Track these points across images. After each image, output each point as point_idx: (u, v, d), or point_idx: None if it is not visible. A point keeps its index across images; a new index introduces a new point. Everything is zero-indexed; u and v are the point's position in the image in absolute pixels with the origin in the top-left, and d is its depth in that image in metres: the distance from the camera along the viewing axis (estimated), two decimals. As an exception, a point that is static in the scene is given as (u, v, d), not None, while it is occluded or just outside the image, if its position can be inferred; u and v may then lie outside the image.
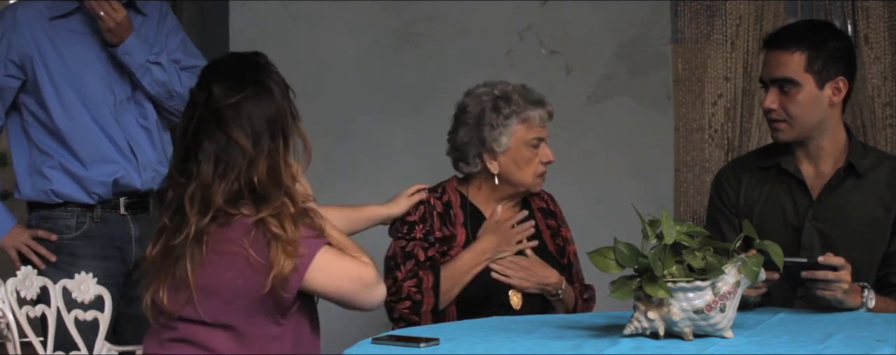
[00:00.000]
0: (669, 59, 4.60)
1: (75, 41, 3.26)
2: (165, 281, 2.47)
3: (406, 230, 3.13)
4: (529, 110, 3.14)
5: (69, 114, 3.24)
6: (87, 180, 3.26)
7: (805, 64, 2.89)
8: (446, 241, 3.13)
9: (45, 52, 3.23)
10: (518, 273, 3.11)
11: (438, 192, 3.20)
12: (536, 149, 3.15)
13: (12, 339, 2.70)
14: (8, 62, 3.22)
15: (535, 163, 3.16)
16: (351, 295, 2.50)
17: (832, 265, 2.65)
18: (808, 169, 2.99)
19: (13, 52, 3.22)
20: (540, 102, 3.17)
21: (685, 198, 4.59)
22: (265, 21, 4.29)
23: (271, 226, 2.40)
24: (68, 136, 3.24)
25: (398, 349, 2.33)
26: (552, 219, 3.29)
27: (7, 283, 2.74)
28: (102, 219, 3.29)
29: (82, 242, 3.27)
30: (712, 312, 2.30)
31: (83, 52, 3.27)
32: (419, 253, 3.11)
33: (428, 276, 3.06)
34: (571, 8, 4.52)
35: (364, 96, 4.38)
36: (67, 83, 3.23)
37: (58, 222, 3.27)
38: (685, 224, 2.33)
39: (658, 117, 4.59)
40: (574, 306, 3.19)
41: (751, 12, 4.55)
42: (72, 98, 3.24)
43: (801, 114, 2.91)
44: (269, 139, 2.47)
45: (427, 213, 3.14)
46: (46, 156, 3.26)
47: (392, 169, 4.31)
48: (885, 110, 4.53)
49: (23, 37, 3.22)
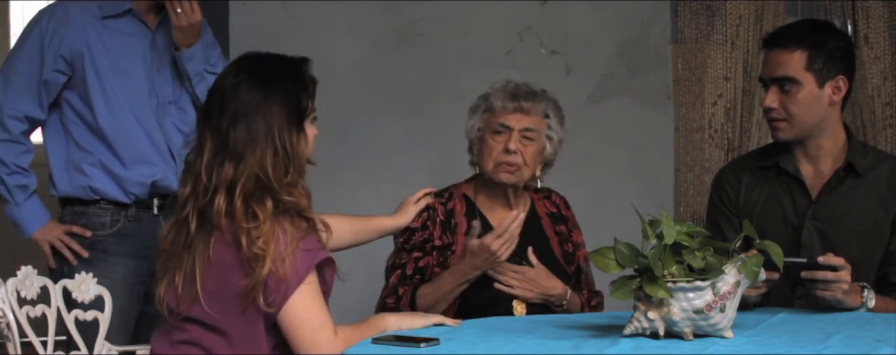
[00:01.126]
0: (669, 59, 4.60)
1: (124, 42, 3.28)
2: (179, 272, 2.48)
3: (405, 237, 3.09)
4: (497, 99, 3.12)
5: (113, 114, 3.25)
6: (125, 180, 3.27)
7: (805, 63, 2.89)
8: (445, 250, 3.09)
9: (95, 50, 3.24)
10: (522, 284, 3.04)
11: (444, 198, 3.15)
12: (501, 137, 3.10)
13: (12, 339, 2.70)
14: (58, 57, 3.23)
15: (497, 150, 3.09)
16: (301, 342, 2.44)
17: (832, 265, 2.65)
18: (807, 168, 2.99)
19: (64, 47, 3.23)
20: (513, 95, 3.13)
21: (685, 198, 4.59)
22: (265, 21, 4.29)
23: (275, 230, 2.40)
24: (111, 136, 3.26)
25: (398, 349, 2.33)
26: (562, 225, 3.23)
27: (7, 283, 2.74)
28: (136, 219, 3.31)
29: (116, 240, 3.29)
30: (712, 312, 2.30)
31: (131, 54, 3.29)
32: (409, 266, 3.07)
33: (407, 293, 3.03)
34: (571, 8, 4.52)
35: (364, 96, 4.38)
36: (114, 83, 3.25)
37: (92, 219, 3.29)
38: (685, 224, 2.33)
39: (658, 117, 4.59)
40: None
41: (751, 12, 4.55)
42: (117, 98, 3.25)
43: (801, 113, 2.91)
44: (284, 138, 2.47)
45: (429, 220, 3.10)
46: (86, 153, 3.27)
47: (392, 169, 4.31)
48: (885, 110, 4.53)
49: (75, 33, 3.24)
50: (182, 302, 2.47)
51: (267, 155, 2.45)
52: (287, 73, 2.54)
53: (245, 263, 2.40)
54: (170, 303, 2.50)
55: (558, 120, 3.18)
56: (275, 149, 2.46)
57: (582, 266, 3.21)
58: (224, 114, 2.48)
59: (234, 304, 2.43)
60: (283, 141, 2.47)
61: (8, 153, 3.24)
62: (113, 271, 3.24)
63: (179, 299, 2.48)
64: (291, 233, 2.42)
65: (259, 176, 2.44)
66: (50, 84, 3.24)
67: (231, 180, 2.44)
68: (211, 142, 2.48)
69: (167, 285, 2.50)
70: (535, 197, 3.25)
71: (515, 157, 3.08)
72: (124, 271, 3.25)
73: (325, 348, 2.43)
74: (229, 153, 2.45)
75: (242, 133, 2.45)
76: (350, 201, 4.32)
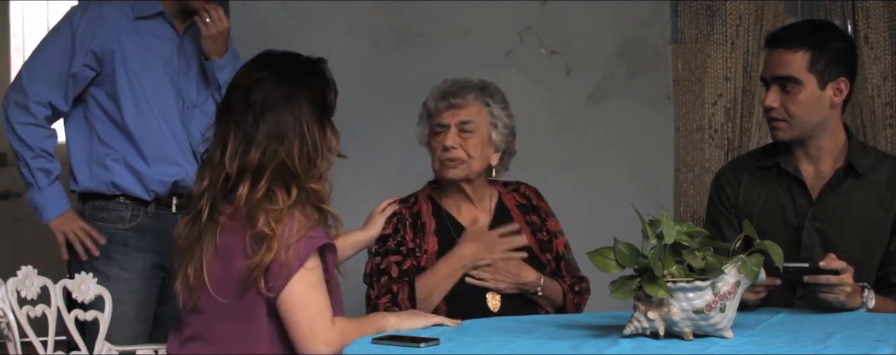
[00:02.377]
0: (669, 59, 4.60)
1: (154, 44, 3.31)
2: (191, 264, 2.51)
3: (378, 245, 3.11)
4: (430, 102, 3.19)
5: (140, 112, 3.28)
6: (147, 177, 3.30)
7: (808, 63, 2.89)
8: (415, 251, 3.11)
9: (126, 49, 3.27)
10: (493, 275, 3.06)
11: (410, 202, 3.19)
12: (439, 137, 3.14)
13: (12, 339, 2.70)
14: (89, 52, 3.25)
15: (438, 149, 3.13)
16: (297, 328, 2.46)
17: (834, 269, 2.65)
18: (807, 169, 2.99)
19: (96, 43, 3.25)
20: (443, 93, 3.17)
21: (685, 198, 4.59)
22: (265, 21, 4.29)
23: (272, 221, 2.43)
24: (136, 134, 3.28)
25: (398, 349, 2.34)
26: (533, 215, 3.24)
27: (7, 283, 2.74)
28: (155, 215, 3.33)
29: (135, 235, 3.30)
30: (712, 312, 2.30)
31: (160, 56, 3.31)
32: (393, 269, 3.08)
33: (403, 289, 3.03)
34: (571, 8, 4.52)
35: (364, 96, 4.37)
36: (144, 82, 3.28)
37: (112, 213, 3.30)
38: (685, 224, 2.33)
39: (658, 117, 4.59)
40: (563, 300, 3.15)
41: (751, 12, 4.55)
42: (145, 97, 3.28)
43: (801, 114, 2.91)
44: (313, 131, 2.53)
45: (398, 224, 3.13)
46: (109, 149, 3.29)
47: (391, 168, 4.31)
48: (885, 110, 4.53)
49: (108, 31, 3.26)
50: (193, 293, 2.52)
51: (294, 147, 2.50)
52: (310, 71, 2.62)
53: (252, 243, 2.43)
54: (184, 297, 2.55)
55: (502, 106, 3.19)
56: (303, 141, 2.52)
57: (562, 253, 3.23)
58: (249, 107, 2.52)
59: (237, 289, 2.46)
60: (311, 134, 2.53)
61: (33, 137, 3.25)
62: (133, 264, 3.27)
63: (191, 290, 2.52)
64: (301, 221, 2.46)
65: (286, 163, 2.49)
66: (78, 77, 3.26)
67: (258, 166, 2.48)
68: (235, 134, 2.52)
69: (182, 280, 2.54)
70: (502, 190, 3.27)
71: (455, 152, 3.11)
72: (143, 265, 3.28)
73: (321, 335, 2.44)
74: (256, 144, 2.50)
75: (271, 126, 2.50)
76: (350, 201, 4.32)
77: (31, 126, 3.25)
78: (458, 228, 3.14)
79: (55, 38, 3.29)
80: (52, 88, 3.25)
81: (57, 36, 3.29)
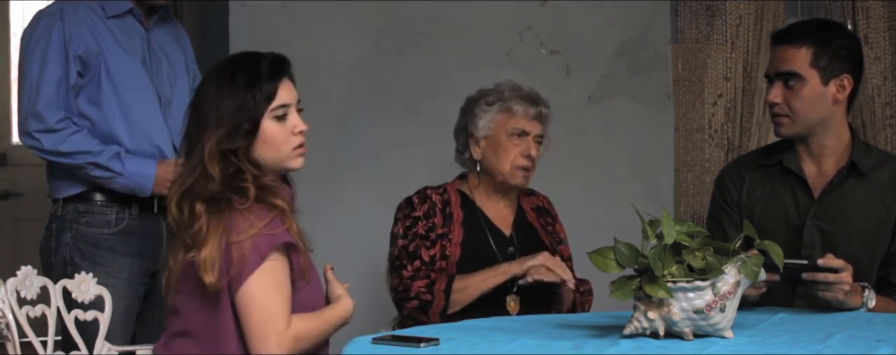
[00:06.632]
0: (669, 59, 4.60)
1: (128, 43, 3.28)
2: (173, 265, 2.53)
3: (409, 224, 3.14)
4: (514, 102, 3.20)
5: (123, 112, 3.23)
6: None
7: (811, 59, 2.89)
8: (442, 238, 3.14)
9: (106, 50, 3.23)
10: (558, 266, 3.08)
11: (440, 190, 3.23)
12: (519, 140, 3.17)
13: (12, 339, 2.70)
14: (76, 58, 3.20)
15: (515, 153, 3.17)
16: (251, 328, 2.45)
17: (832, 267, 2.65)
18: (810, 167, 2.99)
19: (81, 48, 3.20)
20: (531, 100, 3.21)
21: (685, 198, 4.59)
22: (265, 21, 4.29)
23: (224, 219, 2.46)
24: (118, 135, 3.22)
25: (398, 349, 2.33)
26: (547, 217, 3.33)
27: (7, 283, 2.74)
28: (139, 218, 3.29)
29: (122, 238, 3.26)
30: (712, 312, 2.30)
31: (135, 54, 3.29)
32: (423, 253, 3.11)
33: (441, 279, 3.06)
34: (571, 8, 4.52)
35: (364, 96, 4.38)
36: (126, 83, 3.24)
37: (97, 217, 3.26)
38: (685, 224, 2.33)
39: (658, 117, 4.59)
40: (572, 302, 3.21)
41: (751, 12, 4.55)
42: (128, 94, 3.23)
43: (803, 110, 2.91)
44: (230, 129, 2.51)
45: (431, 209, 3.16)
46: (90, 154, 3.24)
47: (391, 168, 4.31)
48: (885, 110, 4.53)
49: (88, 33, 3.22)
50: (169, 294, 2.55)
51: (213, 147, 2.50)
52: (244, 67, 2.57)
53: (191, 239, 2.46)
54: (166, 294, 2.57)
55: None
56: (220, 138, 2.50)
57: (568, 256, 3.31)
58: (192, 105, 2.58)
59: (197, 286, 2.46)
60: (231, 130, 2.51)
61: (77, 144, 3.15)
62: (121, 270, 3.23)
63: (168, 286, 2.55)
64: (250, 220, 2.44)
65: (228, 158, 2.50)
66: (74, 86, 3.22)
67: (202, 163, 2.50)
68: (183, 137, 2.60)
69: (165, 282, 2.57)
70: (520, 193, 3.34)
71: (530, 163, 3.20)
72: (130, 270, 3.25)
73: (273, 339, 2.43)
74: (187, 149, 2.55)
75: (193, 126, 2.54)
76: (350, 201, 4.32)
77: (67, 138, 3.18)
78: (487, 221, 3.22)
79: (48, 54, 3.21)
80: (62, 104, 3.20)
81: (49, 51, 3.21)
